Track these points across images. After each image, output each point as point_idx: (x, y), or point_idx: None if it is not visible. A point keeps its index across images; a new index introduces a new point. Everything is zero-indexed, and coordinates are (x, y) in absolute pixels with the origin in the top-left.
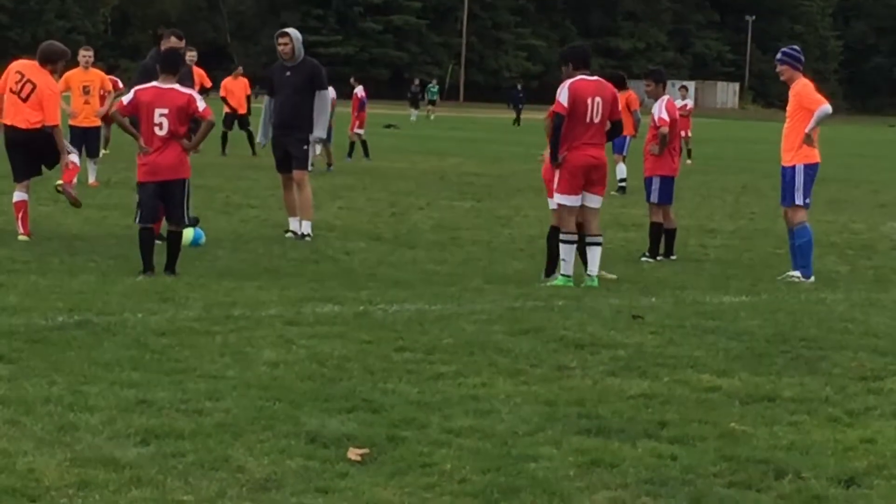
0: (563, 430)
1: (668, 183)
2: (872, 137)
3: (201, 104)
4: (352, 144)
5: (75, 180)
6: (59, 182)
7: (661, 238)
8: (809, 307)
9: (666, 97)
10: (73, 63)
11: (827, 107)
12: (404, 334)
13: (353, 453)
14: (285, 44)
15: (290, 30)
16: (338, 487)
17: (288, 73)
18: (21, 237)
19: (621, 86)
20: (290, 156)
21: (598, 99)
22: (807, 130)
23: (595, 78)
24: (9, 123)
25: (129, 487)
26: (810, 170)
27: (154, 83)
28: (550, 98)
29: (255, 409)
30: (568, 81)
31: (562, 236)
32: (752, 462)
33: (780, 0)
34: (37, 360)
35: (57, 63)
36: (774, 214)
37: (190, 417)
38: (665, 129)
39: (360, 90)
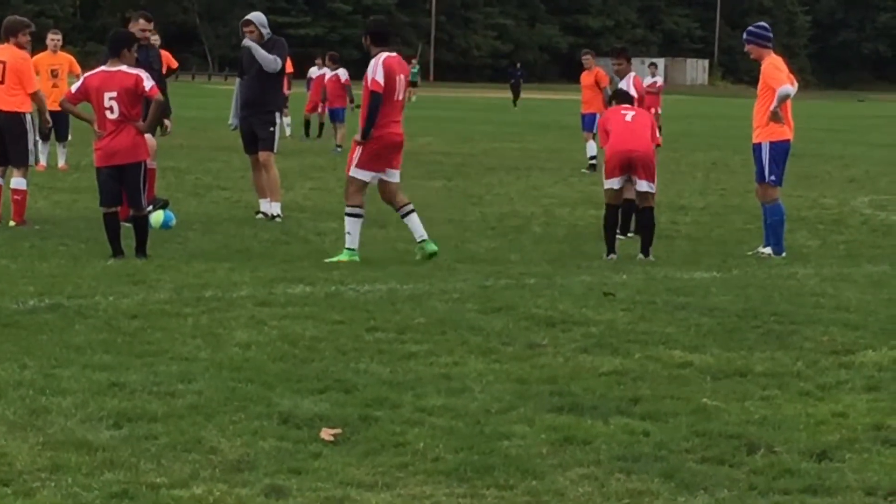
0: (536, 407)
1: None
2: (842, 112)
3: (148, 83)
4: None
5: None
6: (12, 223)
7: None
8: (780, 282)
9: (632, 74)
10: (42, 47)
11: (786, 88)
12: (376, 314)
13: (326, 433)
14: (251, 31)
15: (252, 16)
16: (311, 468)
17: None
18: None
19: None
20: (256, 137)
21: (401, 76)
22: (771, 108)
23: (396, 55)
24: None
25: (101, 470)
26: (777, 147)
27: (102, 67)
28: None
29: (227, 391)
30: (381, 58)
31: (349, 210)
32: (724, 437)
33: None
34: (8, 344)
35: (18, 34)
36: (744, 190)
37: (162, 399)
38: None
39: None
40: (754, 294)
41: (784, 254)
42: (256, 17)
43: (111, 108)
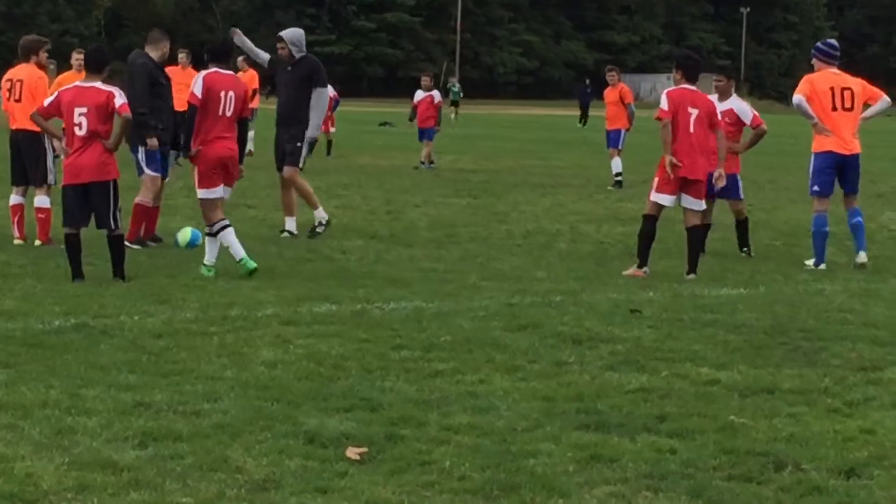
0: (562, 425)
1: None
2: (869, 126)
3: (119, 100)
4: (329, 143)
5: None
6: (37, 242)
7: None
8: (808, 298)
9: (734, 96)
10: (66, 66)
11: (795, 97)
12: (402, 332)
13: (352, 452)
14: (282, 48)
15: (284, 33)
16: (337, 487)
17: (288, 69)
18: (16, 241)
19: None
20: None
21: (231, 93)
22: (811, 122)
23: (229, 73)
24: (13, 128)
25: (127, 490)
26: (816, 158)
27: (77, 82)
28: (542, 93)
29: (253, 410)
30: (203, 73)
31: (214, 228)
32: (751, 454)
33: None
34: (34, 364)
35: (38, 52)
36: (771, 206)
37: (188, 419)
38: (765, 127)
39: (331, 90)
40: (781, 311)
41: (823, 265)
42: (288, 34)
43: (80, 125)
